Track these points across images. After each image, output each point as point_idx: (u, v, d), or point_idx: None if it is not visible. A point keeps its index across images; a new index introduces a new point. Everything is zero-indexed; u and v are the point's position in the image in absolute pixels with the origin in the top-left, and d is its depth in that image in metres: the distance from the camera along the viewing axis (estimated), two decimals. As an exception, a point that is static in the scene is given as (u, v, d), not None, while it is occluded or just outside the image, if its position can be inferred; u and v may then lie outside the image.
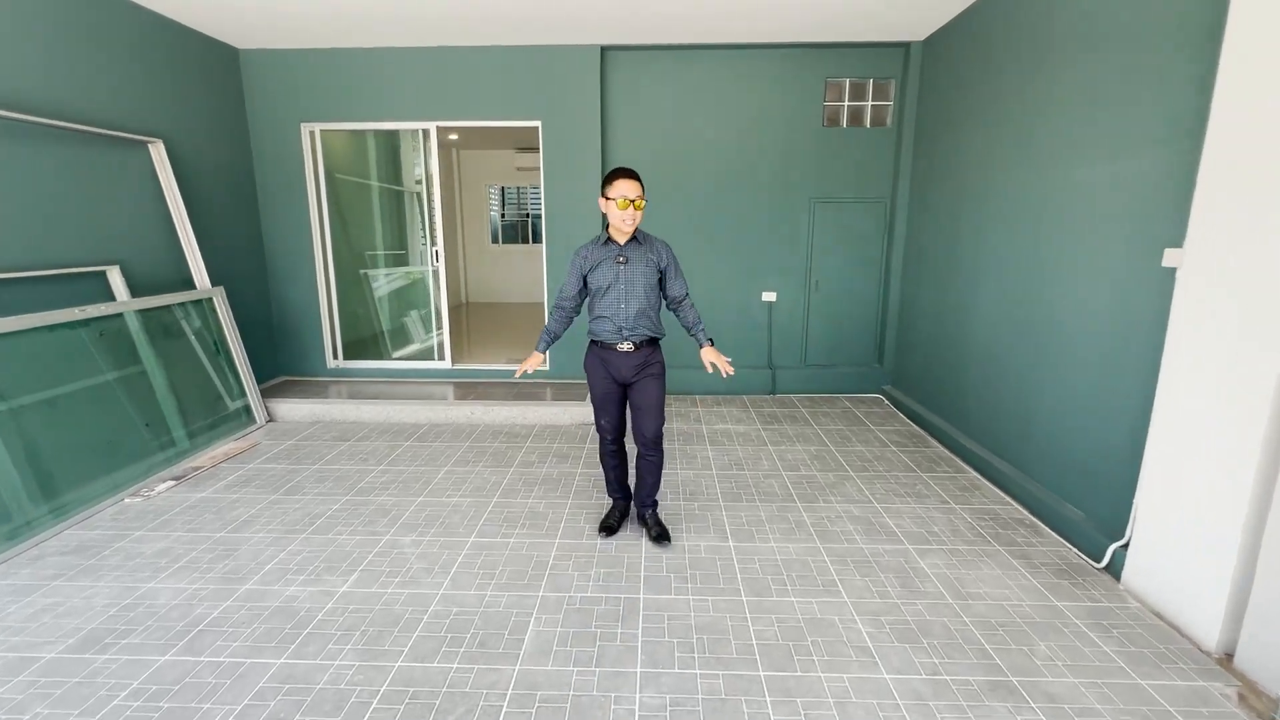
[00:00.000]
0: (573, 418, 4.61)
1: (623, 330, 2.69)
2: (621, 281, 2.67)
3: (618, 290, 2.67)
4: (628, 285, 2.67)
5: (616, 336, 2.70)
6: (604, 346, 2.74)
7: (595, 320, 2.75)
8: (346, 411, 4.69)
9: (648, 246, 2.73)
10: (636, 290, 2.68)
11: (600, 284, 2.69)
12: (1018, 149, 3.49)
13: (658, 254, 2.74)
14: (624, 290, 2.67)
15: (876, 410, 4.92)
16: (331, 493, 3.40)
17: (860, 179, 5.21)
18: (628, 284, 2.67)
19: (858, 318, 5.46)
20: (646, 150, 5.17)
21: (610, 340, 2.71)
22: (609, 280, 2.68)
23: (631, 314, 2.67)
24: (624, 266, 2.67)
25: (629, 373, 2.74)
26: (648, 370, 2.75)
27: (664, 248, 2.78)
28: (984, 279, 3.82)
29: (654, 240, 2.77)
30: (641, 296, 2.68)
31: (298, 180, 5.19)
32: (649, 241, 2.74)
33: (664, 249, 2.78)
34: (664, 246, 2.78)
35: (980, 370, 3.85)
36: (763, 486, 3.48)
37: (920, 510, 3.19)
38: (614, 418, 2.85)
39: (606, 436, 2.90)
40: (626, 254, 2.68)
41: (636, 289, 2.68)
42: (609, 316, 2.69)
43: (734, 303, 5.42)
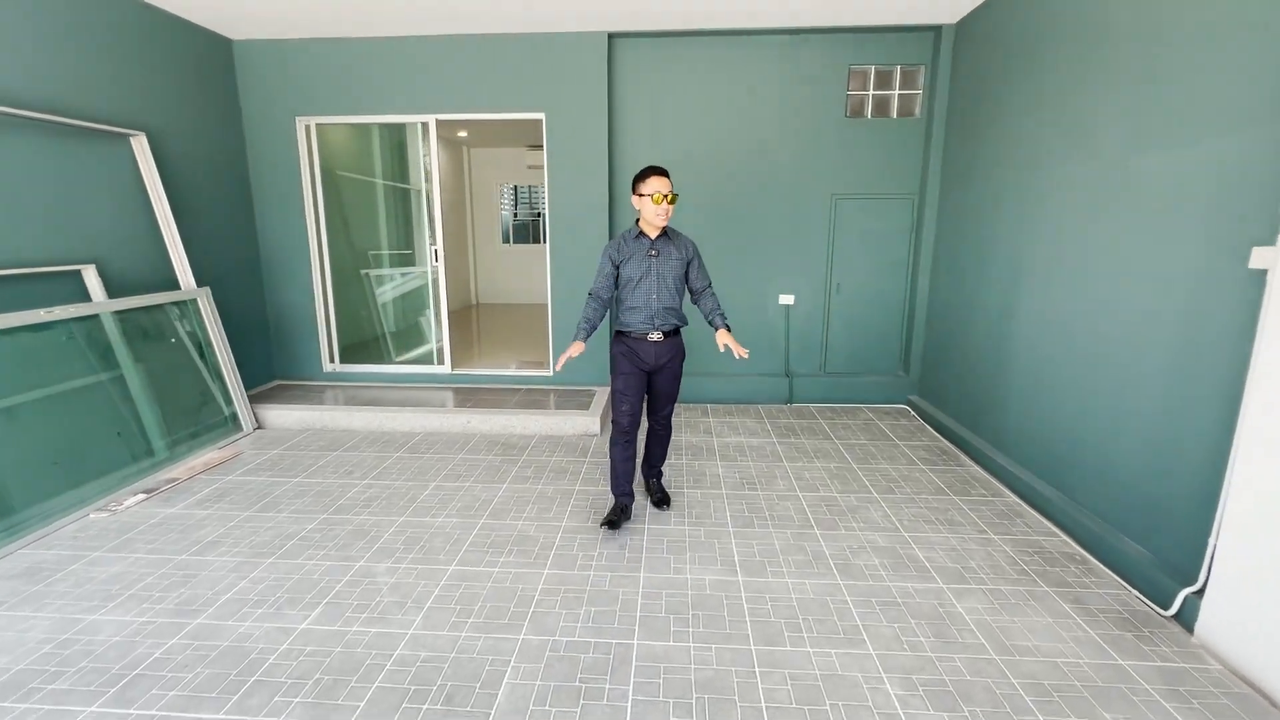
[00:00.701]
0: (575, 428, 4.32)
1: (654, 320, 2.87)
2: (654, 274, 2.84)
3: (649, 282, 2.85)
4: (659, 278, 2.85)
5: (648, 326, 2.87)
6: (633, 337, 2.90)
7: (627, 311, 2.90)
8: (338, 419, 4.46)
9: (677, 241, 2.92)
10: (667, 282, 2.86)
11: (633, 276, 2.85)
12: (1066, 138, 3.13)
13: (685, 248, 2.93)
14: (656, 282, 2.85)
15: (902, 423, 4.56)
16: (309, 510, 3.15)
17: (886, 174, 4.85)
18: (659, 277, 2.85)
19: (881, 323, 5.10)
20: (656, 143, 4.87)
21: (641, 330, 2.88)
22: (641, 273, 2.84)
23: (663, 305, 2.86)
24: (656, 260, 2.85)
25: (657, 361, 2.92)
26: (673, 359, 2.97)
27: (690, 243, 2.97)
28: (1027, 282, 3.46)
29: (680, 236, 2.95)
30: (672, 288, 2.88)
31: (293, 176, 4.98)
32: (677, 237, 2.94)
33: (690, 244, 2.97)
34: (691, 242, 2.98)
35: (1021, 383, 3.48)
36: (777, 510, 3.16)
37: (955, 540, 2.84)
38: (635, 405, 2.96)
39: (624, 424, 2.95)
40: (658, 247, 2.86)
41: (667, 281, 2.86)
42: (641, 307, 2.86)
43: (749, 305, 5.09)
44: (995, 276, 3.79)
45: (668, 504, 3.18)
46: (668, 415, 3.11)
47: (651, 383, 2.99)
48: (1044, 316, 3.28)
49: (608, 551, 2.74)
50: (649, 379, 2.97)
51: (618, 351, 2.94)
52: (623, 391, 2.93)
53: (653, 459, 3.25)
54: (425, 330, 5.42)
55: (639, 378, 2.93)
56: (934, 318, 4.75)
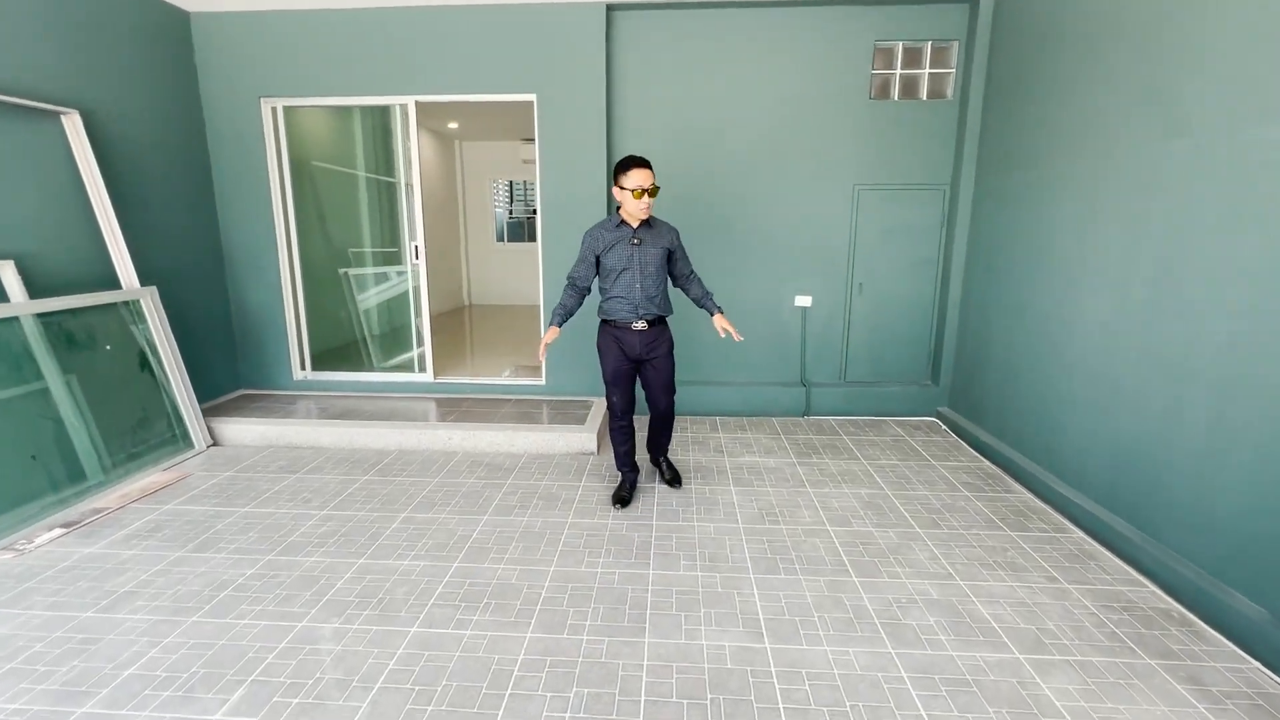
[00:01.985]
0: (568, 445, 3.84)
1: (638, 309, 2.87)
2: (636, 263, 2.85)
3: (632, 272, 2.85)
4: (642, 267, 2.85)
5: (631, 315, 2.88)
6: (617, 326, 2.92)
7: (609, 300, 2.91)
8: (304, 434, 3.98)
9: (659, 229, 2.91)
10: (650, 271, 2.86)
11: (615, 266, 2.85)
12: (1148, 111, 2.65)
13: (667, 236, 2.91)
14: (638, 272, 2.85)
15: (936, 440, 4.08)
16: (252, 549, 2.67)
17: (914, 162, 4.38)
18: (642, 266, 2.85)
19: (908, 327, 4.63)
20: (660, 128, 4.39)
21: (625, 319, 2.89)
22: (624, 263, 2.85)
23: (646, 294, 2.86)
24: (638, 249, 2.84)
25: (642, 350, 2.93)
26: (659, 347, 2.96)
27: (671, 230, 2.96)
28: (1092, 281, 2.98)
29: (661, 223, 2.95)
30: (654, 277, 2.87)
31: (258, 165, 4.50)
32: (658, 225, 2.93)
33: (671, 232, 2.95)
34: (671, 229, 2.96)
35: (1083, 397, 3.00)
36: (805, 549, 2.68)
37: (1022, 592, 2.36)
38: (625, 394, 3.02)
39: (617, 412, 3.04)
40: (641, 236, 2.85)
41: (650, 270, 2.86)
42: (624, 297, 2.87)
43: (761, 308, 4.62)
44: (1049, 275, 3.31)
45: (679, 482, 3.25)
46: (669, 407, 3.08)
47: (643, 375, 3.02)
48: (1116, 324, 2.80)
49: (604, 607, 2.26)
50: (640, 369, 3.01)
51: (603, 341, 2.98)
52: (612, 381, 2.98)
53: (657, 446, 3.25)
54: (407, 335, 4.94)
55: (628, 365, 2.97)
56: (967, 321, 4.28)
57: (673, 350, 3.04)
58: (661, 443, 3.27)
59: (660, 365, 2.97)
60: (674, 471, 3.32)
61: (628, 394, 3.02)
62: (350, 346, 5.09)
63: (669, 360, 3.01)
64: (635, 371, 3.02)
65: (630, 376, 3.01)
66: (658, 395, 3.03)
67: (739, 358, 4.69)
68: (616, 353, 2.94)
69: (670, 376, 3.03)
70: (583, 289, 2.98)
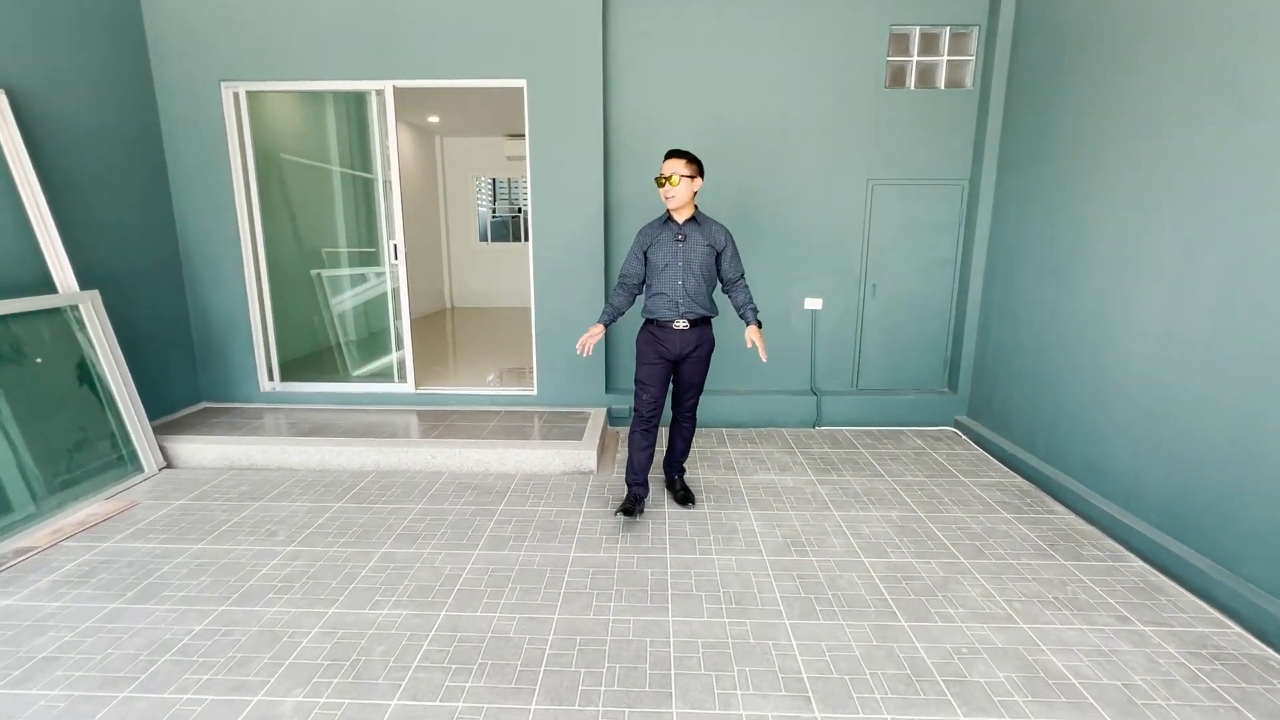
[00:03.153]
0: (565, 464, 3.50)
1: (679, 306, 2.79)
2: (680, 260, 2.77)
3: (676, 268, 2.78)
4: (685, 264, 2.77)
5: (673, 313, 2.80)
6: (659, 325, 2.85)
7: (652, 298, 2.86)
8: (270, 454, 3.58)
9: (706, 227, 2.82)
10: (694, 269, 2.77)
11: (659, 261, 2.80)
12: (1213, 99, 2.39)
13: (714, 236, 2.81)
14: (682, 268, 2.77)
15: (959, 453, 3.81)
16: (203, 598, 2.28)
17: (931, 155, 4.11)
18: (685, 262, 2.77)
19: (924, 331, 4.36)
20: (660, 118, 4.07)
21: (666, 318, 2.82)
22: (668, 258, 2.78)
23: (689, 291, 2.78)
24: (682, 245, 2.77)
25: (682, 350, 2.84)
26: (700, 349, 2.87)
27: (721, 230, 2.84)
28: (1143, 285, 2.72)
29: (711, 222, 2.85)
30: (698, 275, 2.78)
31: (219, 156, 4.08)
32: (707, 223, 2.83)
33: (721, 231, 2.83)
34: (721, 229, 2.84)
35: (1135, 410, 2.74)
36: (841, 586, 2.37)
37: (1095, 636, 2.08)
38: (657, 395, 2.89)
39: (644, 413, 2.90)
40: (685, 232, 2.78)
41: (694, 267, 2.77)
42: (666, 293, 2.80)
43: (769, 312, 4.31)
44: (1089, 276, 3.05)
45: (692, 501, 3.05)
46: (692, 406, 3.01)
47: (677, 372, 2.94)
48: (1174, 324, 2.54)
49: (620, 667, 1.93)
50: (675, 368, 2.92)
51: (643, 339, 2.90)
52: (645, 381, 2.88)
53: (675, 453, 3.13)
54: (385, 341, 4.55)
55: (664, 367, 2.87)
56: (988, 325, 4.02)
57: (710, 354, 2.94)
58: (680, 450, 3.12)
59: (696, 366, 2.90)
60: (687, 491, 3.10)
61: (659, 396, 2.89)
62: (324, 354, 4.69)
63: (706, 363, 2.92)
64: (670, 373, 2.91)
65: (664, 378, 2.89)
66: (686, 394, 2.97)
67: (745, 365, 4.39)
68: (654, 352, 2.86)
69: (702, 375, 2.93)
70: (632, 287, 2.91)
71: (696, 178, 2.73)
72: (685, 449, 3.14)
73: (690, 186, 2.71)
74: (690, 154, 2.72)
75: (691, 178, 2.70)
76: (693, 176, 2.71)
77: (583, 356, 2.93)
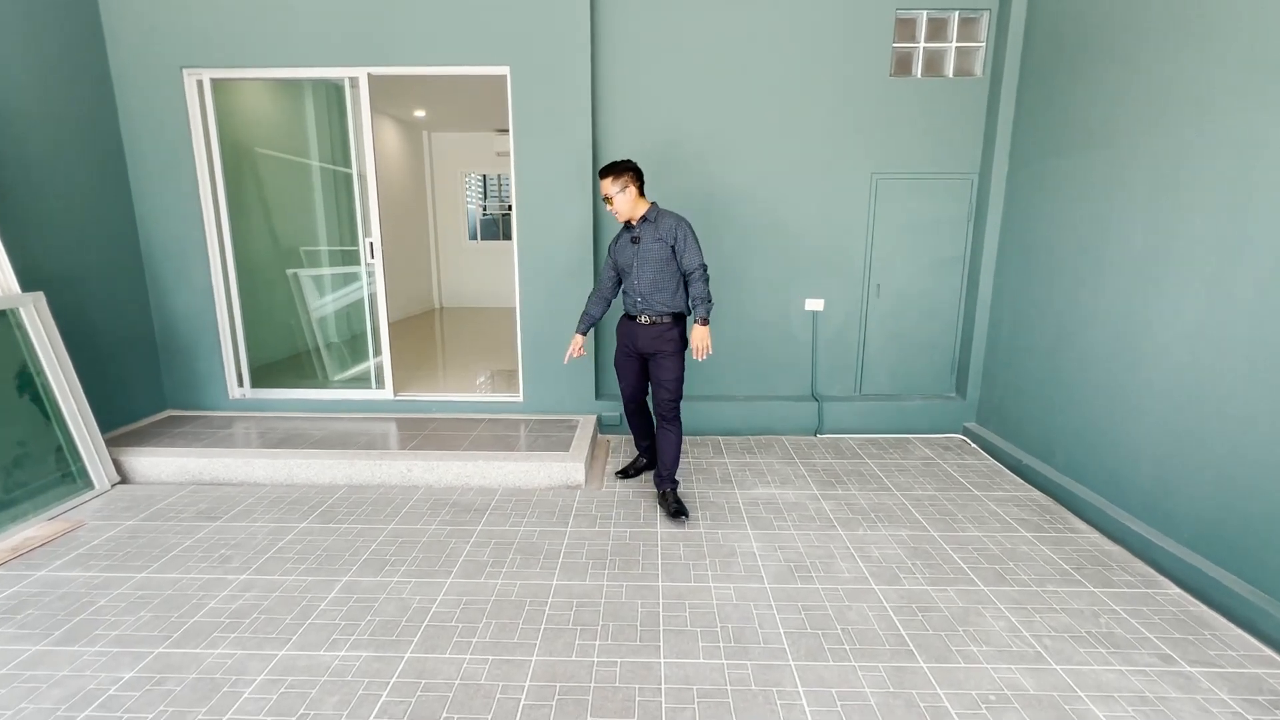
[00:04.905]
0: (550, 477, 3.26)
1: (638, 303, 2.91)
2: (636, 260, 2.88)
3: (634, 268, 2.89)
4: (640, 263, 2.87)
5: (635, 309, 2.94)
6: (629, 318, 3.00)
7: (623, 295, 3.03)
8: (233, 467, 3.33)
9: (657, 224, 2.86)
10: (648, 267, 2.85)
11: (622, 264, 2.95)
12: (1256, 81, 2.17)
13: (667, 230, 2.84)
14: (637, 268, 2.88)
15: (970, 463, 3.59)
16: (139, 638, 2.04)
17: (939, 148, 3.89)
18: (640, 262, 2.87)
19: (930, 333, 4.14)
20: (651, 110, 3.83)
21: (631, 313, 2.98)
22: (628, 259, 2.91)
23: (645, 289, 2.87)
24: (638, 246, 2.87)
25: (646, 345, 2.94)
26: (663, 345, 2.91)
27: (674, 223, 2.86)
28: (1172, 284, 2.50)
29: (665, 216, 2.87)
30: (652, 273, 2.85)
31: (182, 149, 3.83)
32: (659, 219, 2.87)
33: (673, 224, 2.85)
34: (675, 221, 2.86)
35: (1166, 420, 2.52)
36: (851, 619, 2.14)
37: (1137, 680, 1.86)
38: (631, 385, 3.11)
39: (625, 398, 3.17)
40: (639, 234, 2.88)
41: (648, 266, 2.85)
42: (629, 293, 2.96)
43: (767, 313, 4.10)
44: (1112, 274, 2.83)
45: (685, 515, 2.88)
46: (669, 407, 2.94)
47: (648, 368, 3.02)
48: (1211, 326, 2.32)
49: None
50: (645, 362, 3.02)
51: (619, 332, 3.08)
52: (618, 369, 3.12)
53: (662, 467, 2.99)
54: (362, 345, 4.30)
55: (634, 359, 3.03)
56: (999, 327, 3.80)
57: (680, 350, 2.93)
58: (666, 462, 2.96)
59: (662, 364, 2.92)
60: (679, 504, 2.93)
61: (633, 385, 3.10)
62: (297, 359, 4.44)
63: (673, 361, 2.91)
64: (642, 367, 3.04)
65: (636, 370, 3.05)
66: (657, 392, 2.97)
67: (742, 369, 4.16)
68: (624, 344, 3.04)
69: (671, 377, 2.91)
70: (606, 294, 3.06)
71: (630, 186, 2.80)
72: (671, 461, 2.95)
73: (628, 196, 2.80)
74: (617, 165, 2.80)
75: (625, 188, 2.79)
76: (625, 186, 2.79)
77: (575, 356, 3.08)
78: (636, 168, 2.84)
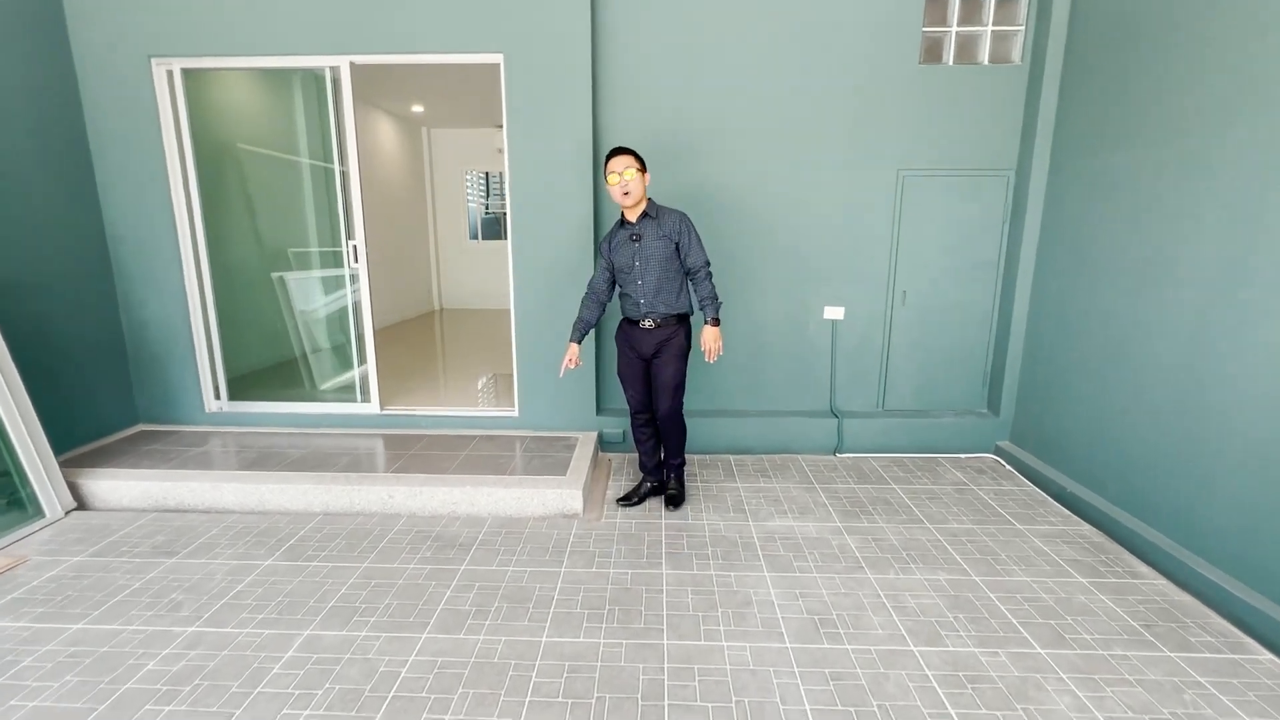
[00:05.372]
0: (545, 505, 2.96)
1: (641, 306, 2.76)
2: (638, 260, 2.71)
3: (635, 268, 2.72)
4: (643, 263, 2.71)
5: (637, 313, 2.78)
6: (629, 323, 2.85)
7: (622, 298, 2.86)
8: (200, 492, 3.05)
9: (659, 220, 2.72)
10: (651, 267, 2.71)
11: (621, 264, 2.77)
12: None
13: (670, 227, 2.71)
14: (640, 268, 2.72)
15: (1007, 489, 3.26)
16: (57, 712, 1.75)
17: (973, 142, 3.56)
18: (643, 262, 2.71)
19: (961, 344, 3.81)
20: (657, 100, 3.52)
21: (633, 317, 2.81)
22: (628, 259, 2.74)
23: (649, 291, 2.73)
24: (639, 244, 2.71)
25: (649, 349, 2.82)
26: (667, 348, 2.79)
27: (677, 218, 2.74)
28: (1260, 296, 2.17)
29: (666, 213, 2.74)
30: (657, 273, 2.71)
31: (152, 144, 3.55)
32: (661, 215, 2.73)
33: (677, 220, 2.74)
34: (678, 217, 2.75)
35: (1251, 452, 2.18)
36: (889, 692, 1.83)
37: (1242, 784, 1.53)
38: (639, 392, 2.93)
39: (633, 408, 2.98)
40: (640, 231, 2.72)
41: (651, 266, 2.70)
42: (631, 295, 2.78)
43: (781, 321, 3.78)
44: (1184, 285, 2.49)
45: (679, 502, 3.01)
46: (670, 411, 2.87)
47: (650, 370, 2.89)
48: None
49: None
50: (649, 365, 2.88)
51: (618, 336, 2.95)
52: (623, 376, 2.96)
53: (666, 451, 3.04)
54: (347, 354, 4.01)
55: (638, 364, 2.89)
56: (1038, 338, 3.47)
57: (685, 353, 2.84)
58: (672, 446, 3.00)
59: (663, 365, 2.81)
60: (679, 490, 3.04)
61: (641, 392, 2.93)
62: (278, 370, 4.16)
63: (676, 362, 2.81)
64: (648, 369, 2.89)
65: (642, 375, 2.90)
66: (658, 397, 2.88)
67: (755, 383, 3.85)
68: (625, 349, 2.90)
69: (673, 379, 2.82)
70: (600, 297, 2.89)
71: (645, 172, 2.70)
72: (678, 444, 3.00)
73: (643, 181, 2.67)
74: (631, 150, 2.68)
75: (642, 171, 2.67)
76: (643, 170, 2.67)
77: (570, 367, 2.89)
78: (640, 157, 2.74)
